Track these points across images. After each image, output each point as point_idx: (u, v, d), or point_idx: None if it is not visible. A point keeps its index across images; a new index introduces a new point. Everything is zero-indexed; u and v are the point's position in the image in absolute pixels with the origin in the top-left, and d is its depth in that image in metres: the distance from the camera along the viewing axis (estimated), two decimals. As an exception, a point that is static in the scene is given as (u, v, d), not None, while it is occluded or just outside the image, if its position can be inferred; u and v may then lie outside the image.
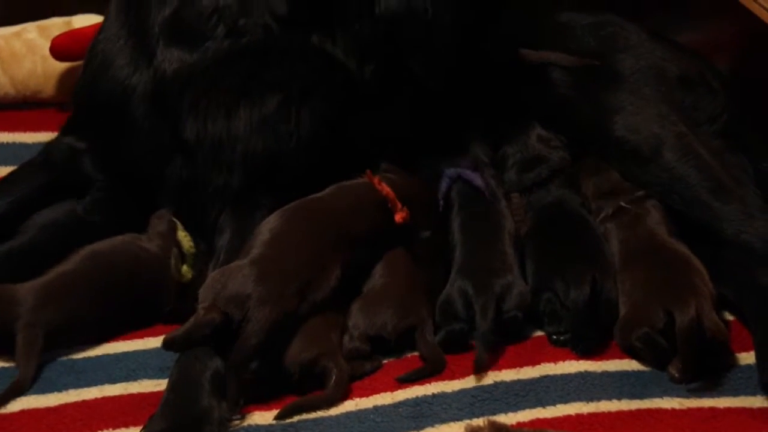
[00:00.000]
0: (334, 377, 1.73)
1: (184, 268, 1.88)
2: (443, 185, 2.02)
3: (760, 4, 2.14)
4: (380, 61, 1.92)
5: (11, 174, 2.03)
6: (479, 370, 1.79)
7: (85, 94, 2.04)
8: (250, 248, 1.80)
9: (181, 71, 1.90)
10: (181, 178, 1.94)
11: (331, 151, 1.94)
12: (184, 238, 1.90)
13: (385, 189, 1.91)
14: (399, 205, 1.90)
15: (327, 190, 1.92)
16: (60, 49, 2.34)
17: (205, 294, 1.72)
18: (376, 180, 1.92)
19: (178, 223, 1.92)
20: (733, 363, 1.84)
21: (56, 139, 2.06)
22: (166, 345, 1.71)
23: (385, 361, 1.83)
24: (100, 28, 2.06)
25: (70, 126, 2.06)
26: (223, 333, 1.70)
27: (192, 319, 1.70)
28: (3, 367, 1.78)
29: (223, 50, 1.89)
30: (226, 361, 1.69)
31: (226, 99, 1.89)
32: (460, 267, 1.91)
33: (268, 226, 1.84)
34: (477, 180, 2.02)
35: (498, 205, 2.01)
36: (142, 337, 1.87)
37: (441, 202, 2.02)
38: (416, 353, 1.83)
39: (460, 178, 2.03)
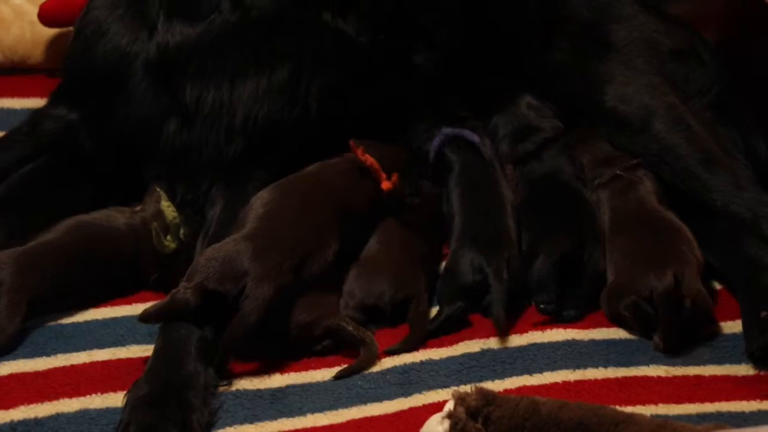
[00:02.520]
0: (353, 332, 1.74)
1: (168, 238, 1.88)
2: (435, 142, 2.02)
3: (752, -24, 2.16)
4: (390, 32, 1.93)
5: (7, 139, 2.02)
6: (500, 329, 1.80)
7: (78, 62, 2.03)
8: (243, 223, 1.80)
9: (185, 43, 1.91)
10: (175, 146, 1.94)
11: (334, 122, 1.95)
12: (167, 208, 1.90)
13: (369, 159, 1.92)
14: (384, 175, 1.91)
15: (312, 168, 1.92)
16: (48, 14, 2.33)
17: (194, 271, 1.71)
18: (360, 151, 1.92)
19: (163, 194, 1.92)
20: (717, 331, 1.86)
21: (44, 109, 2.05)
22: (143, 318, 1.71)
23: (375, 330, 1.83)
24: None
25: (61, 96, 2.04)
26: (212, 303, 1.70)
27: (169, 296, 1.70)
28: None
29: (231, 23, 1.90)
30: (216, 329, 1.70)
31: (234, 65, 1.90)
32: (463, 237, 1.91)
33: (261, 200, 1.84)
34: (474, 137, 2.02)
35: (496, 174, 2.02)
36: (130, 303, 1.88)
37: (432, 155, 2.01)
38: (406, 323, 1.84)
39: (456, 137, 2.02)
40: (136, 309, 1.85)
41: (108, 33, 1.97)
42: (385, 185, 1.91)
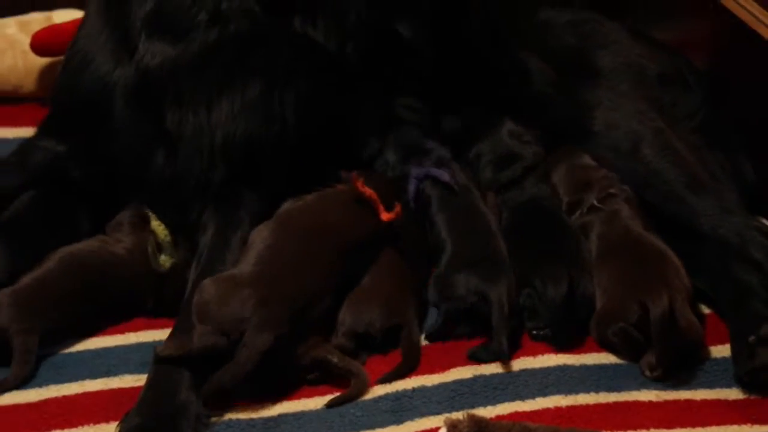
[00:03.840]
0: (338, 364, 1.73)
1: (162, 257, 1.87)
2: (411, 186, 2.01)
3: (738, 2, 2.16)
4: (361, 38, 1.91)
5: None
6: (501, 357, 1.80)
7: (64, 93, 2.02)
8: (246, 261, 1.78)
9: (164, 64, 1.89)
10: (163, 176, 1.93)
11: (315, 139, 1.93)
12: (158, 227, 1.89)
13: (368, 191, 1.91)
14: (382, 207, 1.91)
15: (310, 198, 1.91)
16: (40, 44, 2.34)
17: (201, 310, 1.70)
18: (360, 183, 1.92)
19: (152, 213, 1.91)
20: (707, 356, 1.85)
21: (33, 140, 2.03)
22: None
23: (367, 357, 1.82)
24: (80, 26, 2.04)
25: (48, 128, 2.02)
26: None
27: (196, 342, 1.67)
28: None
29: (207, 41, 1.88)
30: (208, 359, 1.68)
31: (210, 89, 1.88)
32: (455, 259, 1.90)
33: (261, 237, 1.82)
34: (444, 176, 2.00)
35: (473, 198, 2.01)
36: (122, 332, 1.87)
37: (411, 204, 2.00)
38: (398, 350, 1.83)
39: (428, 176, 2.01)
40: (129, 338, 1.86)
41: (93, 62, 1.95)
42: (385, 216, 1.90)
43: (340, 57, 1.91)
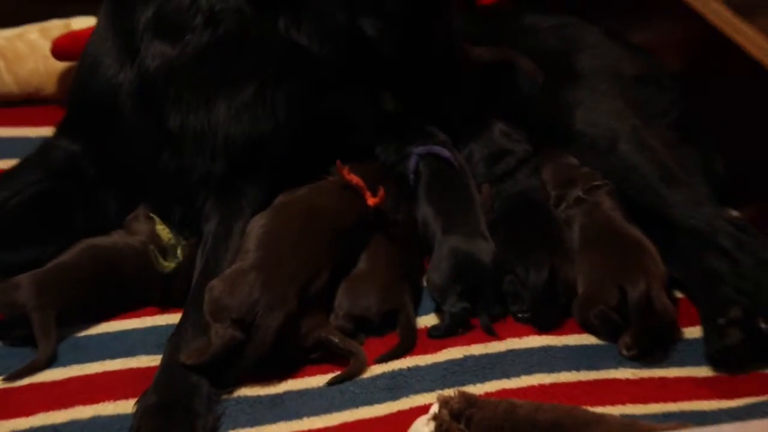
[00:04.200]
0: (339, 344, 1.75)
1: (166, 259, 1.87)
2: (412, 162, 2.03)
3: (707, 7, 2.17)
4: (341, 41, 1.91)
5: (11, 170, 2.03)
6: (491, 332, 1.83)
7: (77, 95, 2.03)
8: (247, 250, 1.79)
9: (164, 66, 1.88)
10: (168, 170, 1.93)
11: (307, 134, 1.93)
12: (162, 231, 1.89)
13: (354, 178, 1.93)
14: (369, 192, 1.92)
15: (303, 190, 1.92)
16: (60, 49, 2.34)
17: (213, 307, 1.71)
18: (345, 171, 1.93)
19: (156, 218, 1.91)
20: (680, 337, 1.87)
21: (52, 139, 2.04)
22: (193, 367, 1.69)
23: (365, 339, 1.84)
24: (92, 32, 2.05)
25: (64, 128, 2.04)
26: None
27: (216, 341, 1.68)
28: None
29: (202, 43, 1.88)
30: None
31: (206, 89, 1.88)
32: (446, 228, 1.92)
33: (259, 224, 1.83)
34: (445, 152, 2.02)
35: (467, 180, 2.03)
36: (139, 316, 1.88)
37: (411, 177, 2.02)
38: (394, 332, 1.85)
39: (429, 153, 2.03)
40: (145, 322, 1.87)
41: (101, 65, 1.95)
42: (371, 201, 1.91)
43: (323, 58, 1.91)
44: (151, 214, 1.92)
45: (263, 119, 1.89)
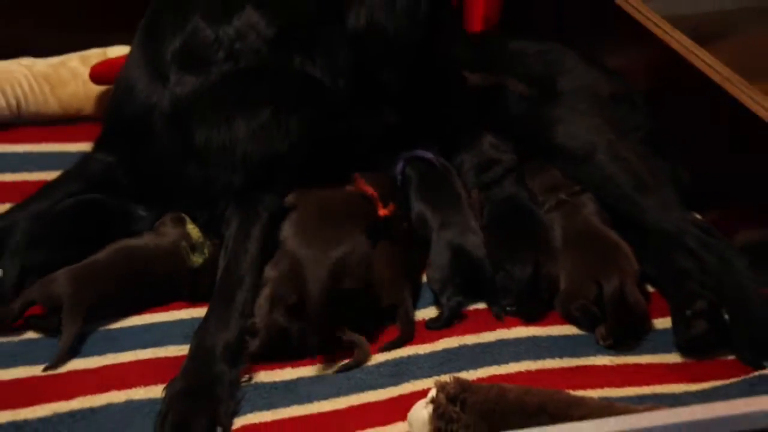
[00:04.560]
0: (342, 337, 1.73)
1: (195, 255, 1.87)
2: (399, 165, 2.02)
3: (671, 35, 2.17)
4: (351, 76, 1.91)
5: (54, 180, 2.02)
6: (500, 318, 1.83)
7: (112, 114, 2.03)
8: (285, 234, 1.80)
9: (191, 93, 1.89)
10: (193, 180, 1.92)
11: (317, 152, 1.93)
12: (192, 229, 1.89)
13: (369, 190, 1.91)
14: (380, 204, 1.90)
15: (325, 190, 1.91)
16: (97, 74, 2.34)
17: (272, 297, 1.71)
18: (361, 182, 1.91)
19: (187, 217, 1.91)
20: (652, 327, 1.85)
21: (90, 153, 2.04)
22: (254, 358, 1.70)
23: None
24: (126, 59, 2.06)
25: (101, 143, 2.04)
26: None
27: (263, 332, 1.69)
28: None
29: (224, 72, 1.89)
30: (239, 334, 1.69)
31: (227, 109, 1.88)
32: (441, 226, 1.90)
33: (287, 227, 1.83)
34: (427, 155, 2.02)
35: (452, 177, 2.01)
36: (167, 310, 1.86)
37: (399, 178, 2.02)
38: (395, 325, 1.83)
39: (414, 157, 2.02)
40: (173, 315, 1.85)
41: (135, 89, 1.96)
42: (382, 212, 1.90)
43: (333, 89, 1.91)
44: (183, 215, 1.91)
45: (278, 140, 1.88)
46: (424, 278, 1.93)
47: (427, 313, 1.88)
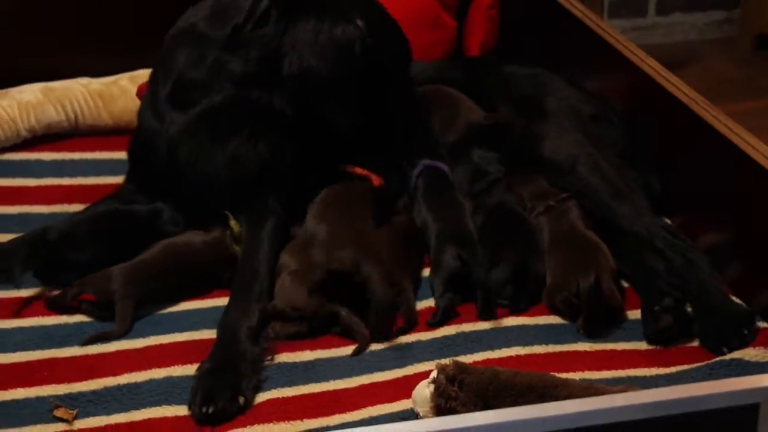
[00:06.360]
0: (344, 319, 1.72)
1: (237, 245, 1.87)
2: (417, 168, 1.99)
3: (645, 62, 2.14)
4: (305, 109, 1.92)
5: (99, 201, 2.04)
6: (486, 311, 1.78)
7: (132, 150, 2.08)
8: (309, 226, 1.83)
9: (178, 129, 1.94)
10: (195, 203, 1.94)
11: (295, 164, 1.94)
12: (234, 225, 1.89)
13: (359, 169, 1.93)
14: (373, 176, 1.92)
15: (324, 194, 1.92)
16: (143, 92, 2.33)
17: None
18: (352, 167, 1.92)
19: (230, 215, 1.90)
20: (626, 318, 1.82)
21: (122, 184, 2.09)
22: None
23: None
24: (141, 101, 2.10)
25: (128, 176, 2.08)
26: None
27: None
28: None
29: (203, 110, 1.93)
30: (260, 318, 1.69)
31: (205, 144, 1.92)
32: (442, 236, 1.87)
33: (310, 219, 1.85)
34: (444, 166, 2.00)
35: (455, 192, 1.99)
36: (203, 298, 1.85)
37: (413, 181, 1.99)
38: (399, 316, 1.79)
39: (430, 166, 1.99)
40: (207, 303, 1.83)
41: (143, 127, 2.01)
42: (376, 181, 1.92)
43: (296, 119, 1.92)
44: (226, 212, 1.91)
45: (253, 163, 1.91)
46: (425, 273, 1.90)
47: (428, 303, 1.85)
